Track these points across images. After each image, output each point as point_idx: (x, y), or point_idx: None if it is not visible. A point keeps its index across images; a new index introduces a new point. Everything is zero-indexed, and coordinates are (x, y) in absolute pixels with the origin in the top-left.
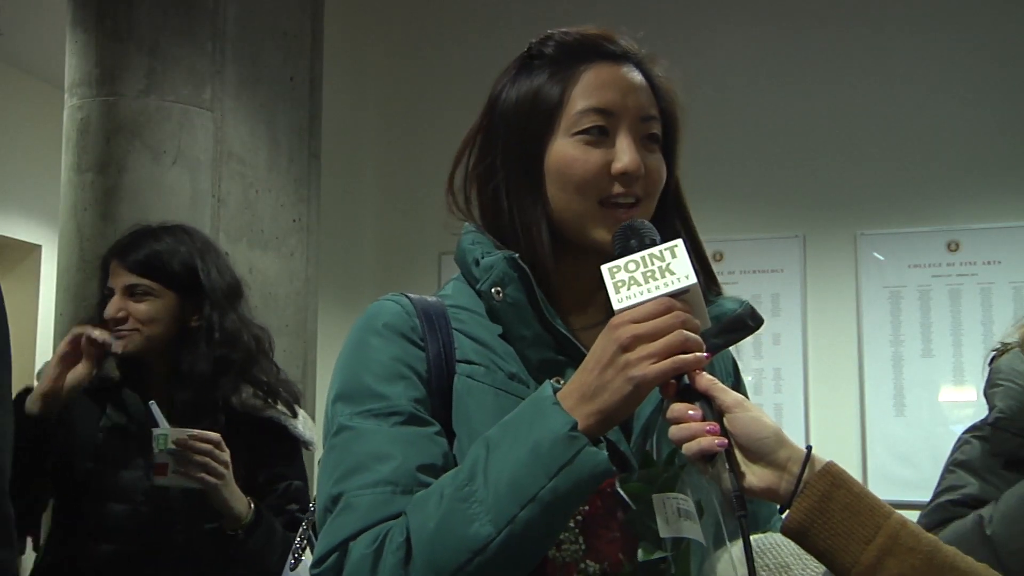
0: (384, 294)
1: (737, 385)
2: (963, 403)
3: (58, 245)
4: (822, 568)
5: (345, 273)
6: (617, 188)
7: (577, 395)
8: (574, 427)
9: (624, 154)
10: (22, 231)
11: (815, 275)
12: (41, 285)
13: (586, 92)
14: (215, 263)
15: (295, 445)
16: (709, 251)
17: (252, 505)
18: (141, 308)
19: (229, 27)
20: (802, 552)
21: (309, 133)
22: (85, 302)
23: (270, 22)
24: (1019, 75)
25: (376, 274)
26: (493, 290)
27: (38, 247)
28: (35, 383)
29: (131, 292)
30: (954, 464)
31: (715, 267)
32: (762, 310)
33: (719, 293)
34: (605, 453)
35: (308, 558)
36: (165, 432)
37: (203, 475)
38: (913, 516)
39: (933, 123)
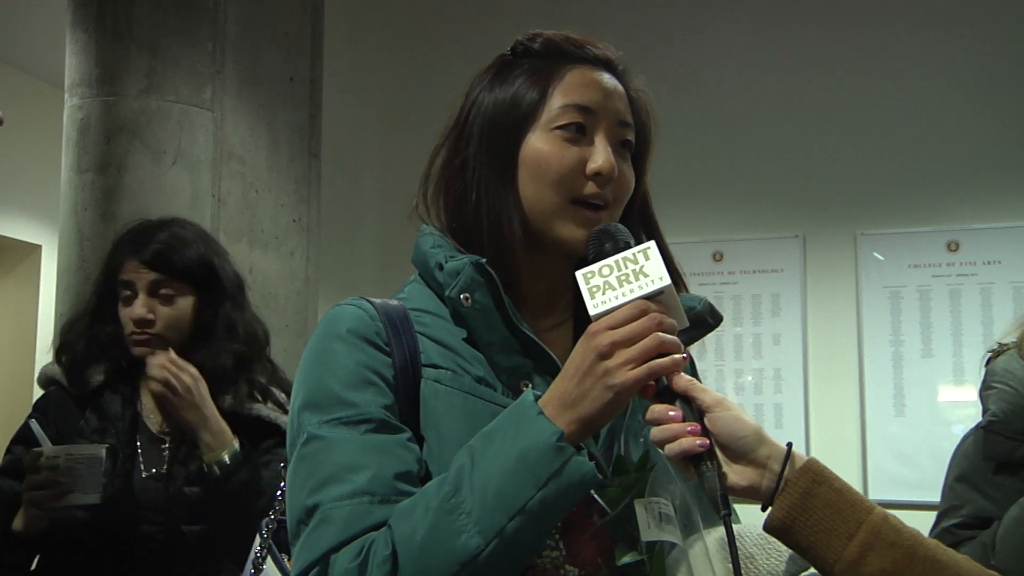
0: (383, 294)
1: None
2: (963, 403)
3: (58, 245)
4: (785, 557)
5: (345, 273)
6: (590, 188)
7: (558, 403)
8: (561, 437)
9: (600, 155)
10: (22, 231)
11: (815, 275)
12: (41, 285)
13: (568, 89)
14: (225, 257)
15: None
16: (709, 251)
17: (238, 444)
18: (168, 311)
19: (229, 27)
20: (767, 542)
21: (309, 133)
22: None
23: (270, 22)
24: (1019, 75)
25: (376, 274)
26: (462, 296)
27: (38, 247)
28: (35, 385)
29: (154, 292)
30: (954, 480)
31: (715, 267)
32: (762, 310)
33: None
34: (592, 462)
35: (269, 566)
36: (59, 453)
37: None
38: (913, 516)
39: (933, 123)
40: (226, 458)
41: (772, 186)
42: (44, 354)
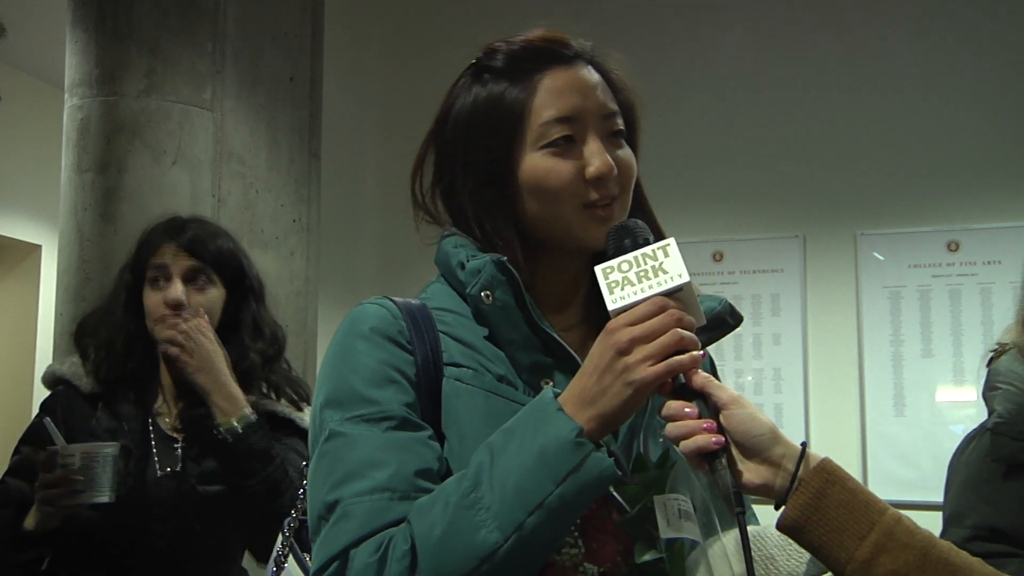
0: (385, 294)
1: None
2: (963, 403)
3: (58, 245)
4: (806, 559)
5: (345, 273)
6: (593, 194)
7: (577, 400)
8: (580, 433)
9: (595, 158)
10: (22, 231)
11: (815, 275)
12: (41, 285)
13: (546, 102)
14: (249, 257)
15: (304, 436)
16: (709, 251)
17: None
18: (200, 299)
19: (229, 27)
20: (787, 544)
21: (309, 133)
22: (85, 302)
23: (270, 22)
24: (1019, 75)
25: (376, 274)
26: (483, 294)
27: (38, 247)
28: (35, 385)
29: (190, 279)
30: (958, 486)
31: (715, 267)
32: (762, 310)
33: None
34: (611, 459)
35: (290, 564)
36: (73, 451)
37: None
38: (913, 516)
39: (933, 123)
40: (237, 425)
41: (772, 186)
42: (44, 353)
